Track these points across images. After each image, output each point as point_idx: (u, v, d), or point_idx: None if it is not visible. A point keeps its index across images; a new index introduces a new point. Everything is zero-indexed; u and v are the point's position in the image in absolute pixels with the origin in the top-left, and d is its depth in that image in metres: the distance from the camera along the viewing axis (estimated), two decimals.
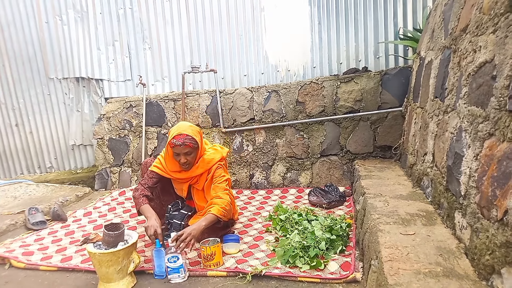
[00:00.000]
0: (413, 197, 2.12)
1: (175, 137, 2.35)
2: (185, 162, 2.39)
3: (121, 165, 4.17)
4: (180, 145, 2.33)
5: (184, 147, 2.34)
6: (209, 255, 2.08)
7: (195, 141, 2.38)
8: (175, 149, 2.36)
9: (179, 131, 2.37)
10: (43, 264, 2.31)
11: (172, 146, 2.36)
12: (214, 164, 2.51)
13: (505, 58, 1.21)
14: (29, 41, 4.38)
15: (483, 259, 1.23)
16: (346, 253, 2.15)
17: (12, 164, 4.79)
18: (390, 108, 3.36)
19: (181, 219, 2.55)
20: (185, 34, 4.05)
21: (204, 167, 2.50)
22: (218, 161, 2.53)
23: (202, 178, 2.53)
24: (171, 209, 2.60)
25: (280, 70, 3.91)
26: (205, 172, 2.51)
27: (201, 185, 2.54)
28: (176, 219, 2.54)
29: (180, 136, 2.34)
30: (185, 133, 2.36)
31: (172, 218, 2.55)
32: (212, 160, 2.52)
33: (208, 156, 2.53)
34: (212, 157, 2.53)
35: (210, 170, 2.51)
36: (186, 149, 2.35)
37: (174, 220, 2.54)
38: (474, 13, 1.56)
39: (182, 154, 2.37)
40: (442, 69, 2.00)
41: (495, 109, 1.26)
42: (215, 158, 2.54)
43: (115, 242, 1.94)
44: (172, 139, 2.35)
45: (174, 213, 2.58)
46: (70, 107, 4.48)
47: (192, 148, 2.37)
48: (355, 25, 3.66)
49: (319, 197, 3.04)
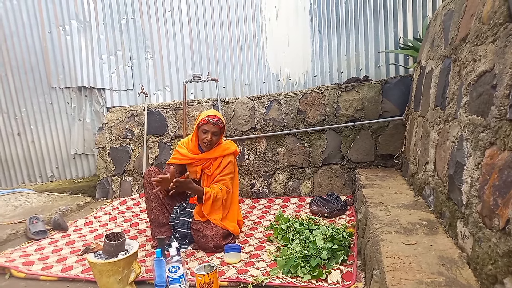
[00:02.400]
0: (415, 206, 2.11)
1: (209, 116, 2.59)
2: (210, 140, 2.60)
3: (122, 174, 4.17)
4: (213, 123, 2.58)
5: (215, 126, 2.59)
6: (207, 283, 1.91)
7: (224, 125, 2.67)
8: (207, 126, 2.58)
9: (213, 112, 2.65)
10: (43, 274, 2.30)
11: (205, 123, 2.59)
12: (229, 154, 2.72)
13: (504, 67, 1.22)
14: (32, 51, 4.42)
15: (485, 269, 1.22)
16: (348, 262, 2.14)
17: (13, 173, 4.80)
18: (391, 117, 3.36)
19: (188, 216, 2.63)
20: (187, 44, 4.08)
21: (220, 153, 2.71)
22: (233, 152, 2.75)
23: (215, 163, 2.71)
24: (177, 210, 2.69)
25: (281, 79, 3.93)
26: (219, 157, 2.71)
27: (211, 171, 2.71)
28: (183, 217, 2.63)
29: (214, 116, 2.60)
30: (217, 116, 2.63)
31: (178, 217, 2.64)
32: (228, 148, 2.74)
33: (225, 145, 2.77)
34: (229, 147, 2.76)
35: (224, 158, 2.71)
36: (216, 128, 2.59)
37: (181, 218, 2.62)
38: (474, 23, 1.57)
39: (210, 132, 2.59)
40: (443, 78, 2.00)
41: (495, 118, 1.26)
42: (231, 148, 2.76)
43: (116, 252, 1.94)
44: (206, 117, 2.59)
45: (181, 213, 2.67)
46: (72, 116, 4.50)
47: (220, 129, 2.62)
48: (356, 35, 3.68)
49: (320, 206, 3.03)
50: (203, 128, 2.60)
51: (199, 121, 2.62)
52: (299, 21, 3.80)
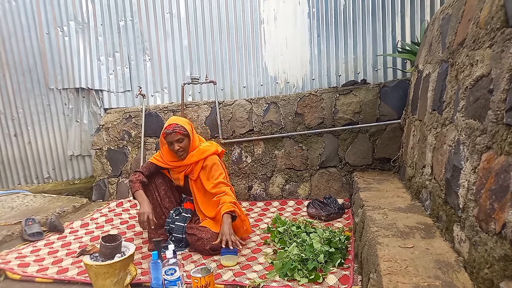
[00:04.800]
0: (412, 209, 2.12)
1: (166, 128, 2.56)
2: (178, 149, 2.55)
3: (119, 176, 4.16)
4: (171, 133, 2.52)
5: (175, 134, 2.52)
6: (203, 286, 1.90)
7: (185, 128, 2.56)
8: (168, 138, 2.54)
9: (169, 122, 2.61)
10: (38, 275, 2.28)
11: (164, 136, 2.56)
12: (208, 156, 2.65)
13: (501, 72, 1.22)
14: (30, 52, 4.41)
15: (482, 273, 1.22)
16: (344, 266, 2.14)
17: (10, 174, 4.78)
18: (388, 121, 3.37)
19: (183, 221, 2.63)
20: (185, 46, 4.08)
21: (199, 156, 2.65)
22: (212, 153, 2.68)
23: (197, 167, 2.66)
24: (173, 214, 2.69)
25: (279, 81, 3.93)
26: (200, 160, 2.65)
27: (195, 175, 2.67)
28: (178, 221, 2.63)
29: (170, 126, 2.54)
30: (174, 122, 2.57)
31: (174, 222, 2.64)
32: (207, 151, 2.67)
33: (204, 147, 2.70)
34: (207, 149, 2.69)
35: (205, 161, 2.65)
36: (177, 136, 2.52)
37: (176, 223, 2.62)
38: (471, 28, 1.58)
39: (175, 142, 2.54)
40: (440, 82, 2.01)
41: (492, 123, 1.26)
42: (210, 149, 2.69)
43: (112, 254, 1.93)
44: (164, 130, 2.56)
45: (176, 217, 2.67)
46: (69, 118, 4.49)
47: (182, 135, 2.54)
48: (354, 38, 3.69)
49: (317, 209, 3.03)
50: (167, 141, 2.57)
51: (160, 135, 2.62)
52: (298, 24, 3.81)
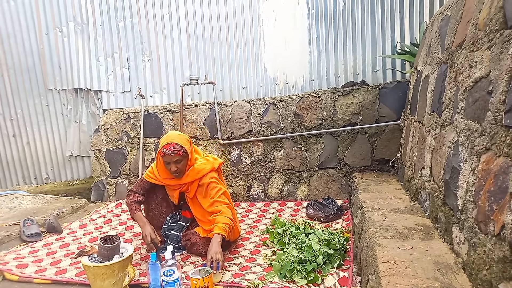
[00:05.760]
0: (411, 211, 2.12)
1: (164, 146, 2.39)
2: (175, 170, 2.42)
3: (118, 176, 4.15)
4: (170, 154, 2.37)
5: (174, 156, 2.38)
6: (202, 287, 1.91)
7: (184, 149, 2.42)
8: (165, 158, 2.40)
9: (168, 140, 2.42)
10: (37, 276, 2.28)
11: (162, 155, 2.41)
12: (204, 175, 2.52)
13: (500, 73, 1.23)
14: (29, 52, 4.40)
15: (480, 274, 1.22)
16: (343, 267, 2.14)
17: (8, 175, 4.77)
18: (387, 122, 3.37)
19: (179, 230, 2.59)
20: (184, 47, 4.08)
21: (194, 176, 2.51)
22: (208, 172, 2.54)
23: (192, 186, 2.54)
24: (169, 220, 2.64)
25: (278, 83, 3.93)
26: (195, 180, 2.52)
27: (192, 193, 2.56)
28: (174, 230, 2.58)
29: (170, 145, 2.38)
30: (174, 142, 2.40)
31: (170, 229, 2.60)
32: (202, 170, 2.53)
33: (199, 166, 2.54)
34: (203, 167, 2.54)
35: (201, 180, 2.52)
36: (175, 157, 2.39)
37: (172, 231, 2.58)
38: (470, 29, 1.58)
39: (172, 163, 2.40)
40: (439, 84, 2.01)
41: (491, 124, 1.26)
42: (206, 168, 2.54)
43: (110, 255, 1.92)
44: (161, 148, 2.40)
45: (172, 224, 2.62)
46: (68, 118, 4.48)
47: (181, 156, 2.41)
48: (353, 39, 3.69)
49: (316, 211, 3.03)
50: (164, 160, 2.43)
51: (157, 152, 2.47)
52: (297, 25, 3.81)
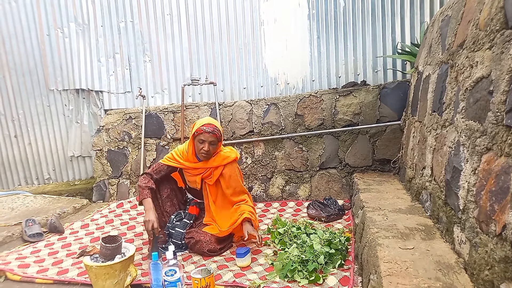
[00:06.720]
0: (412, 211, 2.12)
1: (205, 125, 2.47)
2: (207, 150, 2.49)
3: (120, 177, 4.16)
4: (209, 132, 2.45)
5: (212, 135, 2.46)
6: (203, 287, 1.91)
7: (221, 134, 2.55)
8: (203, 136, 2.46)
9: (209, 121, 2.53)
10: (39, 276, 2.28)
11: (201, 132, 2.46)
12: (229, 162, 2.62)
13: (501, 73, 1.23)
14: (30, 53, 4.42)
15: (482, 274, 1.22)
16: (345, 267, 2.14)
17: (10, 175, 4.78)
18: (388, 122, 3.37)
19: (183, 227, 2.61)
20: (185, 47, 4.09)
21: (220, 162, 2.61)
22: (233, 160, 2.64)
23: (216, 172, 2.62)
24: (174, 219, 2.66)
25: (279, 83, 3.93)
26: (219, 166, 2.61)
27: (213, 180, 2.63)
28: (178, 227, 2.60)
29: (210, 125, 2.48)
30: (214, 124, 2.52)
31: (174, 227, 2.61)
32: (228, 157, 2.63)
33: (225, 153, 2.65)
34: (228, 155, 2.64)
35: (225, 168, 2.61)
36: (212, 137, 2.47)
37: (176, 229, 2.60)
38: (471, 29, 1.59)
39: (207, 142, 2.47)
40: (440, 84, 2.01)
41: (492, 124, 1.27)
42: (231, 156, 2.64)
43: (112, 255, 1.93)
44: (201, 126, 2.47)
45: (177, 223, 2.64)
46: (69, 119, 4.49)
47: (217, 138, 2.50)
48: (354, 40, 3.70)
49: (318, 211, 3.03)
50: (199, 138, 2.47)
51: (194, 131, 2.50)
52: (298, 25, 3.81)
